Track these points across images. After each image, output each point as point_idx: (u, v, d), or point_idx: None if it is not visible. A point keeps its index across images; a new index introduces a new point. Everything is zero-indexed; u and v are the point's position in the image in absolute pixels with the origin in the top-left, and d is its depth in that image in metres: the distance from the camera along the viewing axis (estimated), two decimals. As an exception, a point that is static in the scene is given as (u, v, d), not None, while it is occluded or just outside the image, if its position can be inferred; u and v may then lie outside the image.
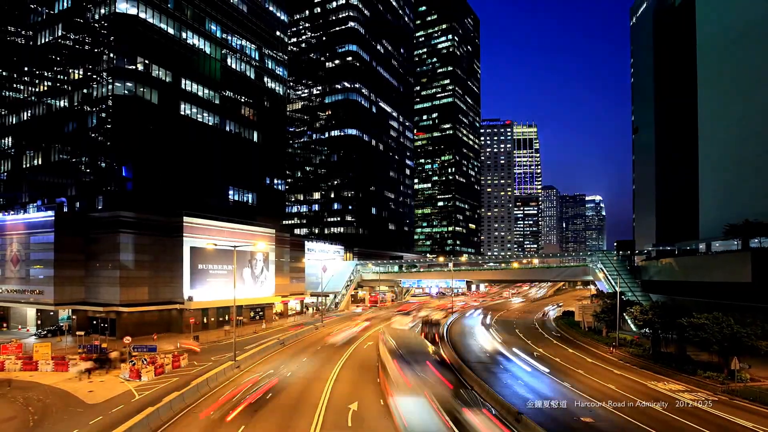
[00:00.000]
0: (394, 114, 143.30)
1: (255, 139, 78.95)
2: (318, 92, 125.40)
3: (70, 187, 63.76)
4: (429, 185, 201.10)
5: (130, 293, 55.30)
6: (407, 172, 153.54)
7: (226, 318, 64.30)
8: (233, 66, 74.85)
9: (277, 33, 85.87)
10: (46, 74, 66.77)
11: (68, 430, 23.95)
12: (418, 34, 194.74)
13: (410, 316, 72.63)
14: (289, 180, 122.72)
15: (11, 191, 70.90)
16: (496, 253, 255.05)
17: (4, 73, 71.91)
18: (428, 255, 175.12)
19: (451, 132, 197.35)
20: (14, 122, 70.45)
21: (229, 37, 73.98)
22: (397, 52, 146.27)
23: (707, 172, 76.91)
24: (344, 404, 27.96)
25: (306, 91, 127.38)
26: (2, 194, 72.55)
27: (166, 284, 59.17)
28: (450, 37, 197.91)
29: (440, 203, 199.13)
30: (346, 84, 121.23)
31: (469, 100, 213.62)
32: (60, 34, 64.78)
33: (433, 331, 49.30)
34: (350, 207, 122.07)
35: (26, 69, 68.85)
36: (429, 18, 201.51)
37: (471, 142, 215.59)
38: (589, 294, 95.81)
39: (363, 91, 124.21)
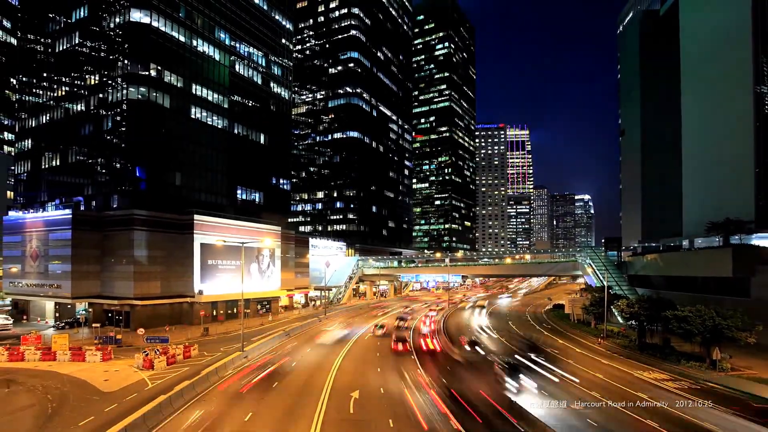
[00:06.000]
0: (394, 117, 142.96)
1: (261, 141, 78.77)
2: (321, 97, 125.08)
3: (87, 187, 63.61)
4: (427, 185, 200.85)
5: (143, 287, 55.25)
6: (406, 172, 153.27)
7: (234, 311, 64.29)
8: (241, 72, 74.61)
9: (283, 40, 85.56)
10: (63, 80, 66.51)
11: (85, 417, 23.87)
12: (416, 42, 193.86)
13: None
14: (294, 180, 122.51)
15: (31, 191, 70.77)
16: (490, 250, 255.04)
17: (24, 79, 71.77)
18: (426, 251, 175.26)
19: (447, 135, 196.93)
20: (34, 125, 70.26)
21: (237, 45, 73.72)
22: (397, 58, 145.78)
23: (690, 173, 76.83)
24: (346, 392, 27.94)
25: (310, 95, 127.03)
26: (22, 193, 72.47)
27: (177, 279, 59.08)
28: (447, 44, 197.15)
29: (437, 202, 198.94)
30: (348, 89, 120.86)
31: (465, 104, 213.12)
32: (77, 41, 64.47)
33: None
34: (352, 205, 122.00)
35: (45, 75, 68.63)
36: (427, 26, 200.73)
37: (466, 144, 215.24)
38: (579, 288, 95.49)
39: (364, 95, 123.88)
